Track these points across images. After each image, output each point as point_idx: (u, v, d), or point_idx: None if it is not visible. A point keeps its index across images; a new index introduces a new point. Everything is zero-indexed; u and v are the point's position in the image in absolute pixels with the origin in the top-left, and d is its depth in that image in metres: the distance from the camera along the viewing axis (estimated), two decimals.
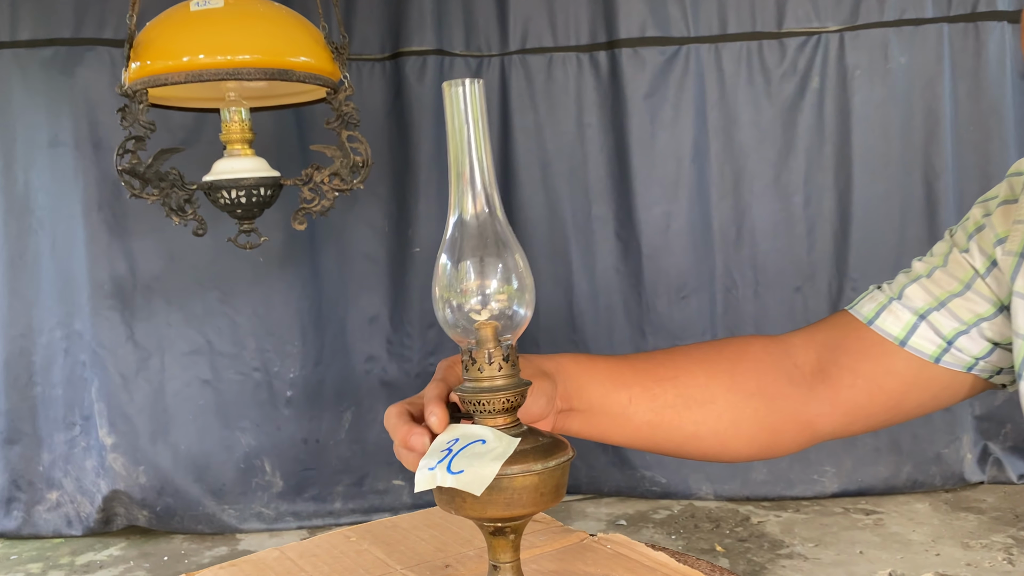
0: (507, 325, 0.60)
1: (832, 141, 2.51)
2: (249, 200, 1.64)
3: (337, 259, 2.53)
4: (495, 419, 0.59)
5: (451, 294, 0.59)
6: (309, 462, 2.55)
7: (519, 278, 0.59)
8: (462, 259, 0.59)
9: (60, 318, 2.46)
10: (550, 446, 0.59)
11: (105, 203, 2.41)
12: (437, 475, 0.57)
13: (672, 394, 0.75)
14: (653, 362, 0.77)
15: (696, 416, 0.75)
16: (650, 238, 2.50)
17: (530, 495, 0.57)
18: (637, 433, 0.75)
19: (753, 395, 0.76)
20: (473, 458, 0.57)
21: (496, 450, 0.57)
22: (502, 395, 0.58)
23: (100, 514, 2.48)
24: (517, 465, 0.56)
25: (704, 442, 0.76)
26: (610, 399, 0.73)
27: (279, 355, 2.52)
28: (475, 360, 0.59)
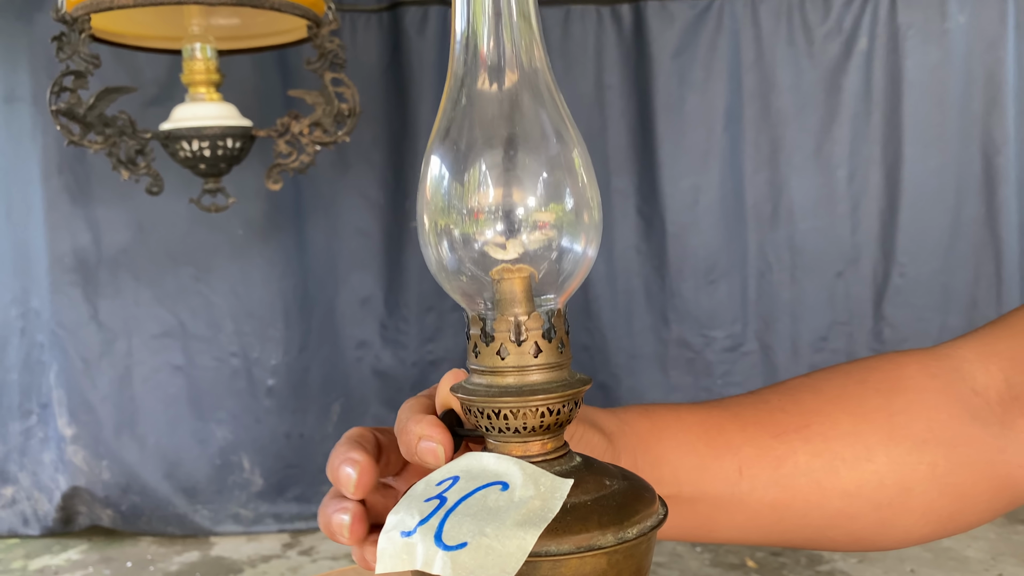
0: (551, 274, 0.34)
1: (880, 109, 2.24)
2: (214, 153, 1.38)
3: (326, 233, 2.26)
4: (526, 444, 0.34)
5: (451, 217, 0.33)
6: (292, 459, 2.29)
7: (576, 191, 0.34)
8: (472, 152, 0.33)
9: (15, 294, 2.20)
10: (626, 496, 0.33)
11: (66, 166, 2.15)
12: (417, 549, 0.32)
13: (805, 454, 0.48)
14: (766, 406, 0.51)
15: (846, 484, 0.49)
16: (676, 214, 2.24)
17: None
18: (755, 521, 0.48)
19: (926, 443, 0.49)
20: (485, 518, 0.31)
21: (528, 504, 0.31)
22: (540, 400, 0.33)
23: (59, 513, 2.23)
24: (569, 536, 0.31)
25: (858, 523, 0.49)
26: (710, 472, 0.47)
27: (260, 339, 2.25)
28: (492, 337, 0.33)
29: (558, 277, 0.34)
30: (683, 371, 2.30)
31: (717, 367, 2.28)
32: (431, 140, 0.35)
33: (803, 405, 0.51)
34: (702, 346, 2.28)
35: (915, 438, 0.50)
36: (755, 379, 2.27)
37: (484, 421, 0.33)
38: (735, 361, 2.28)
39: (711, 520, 0.47)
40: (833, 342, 2.26)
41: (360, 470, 0.37)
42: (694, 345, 2.28)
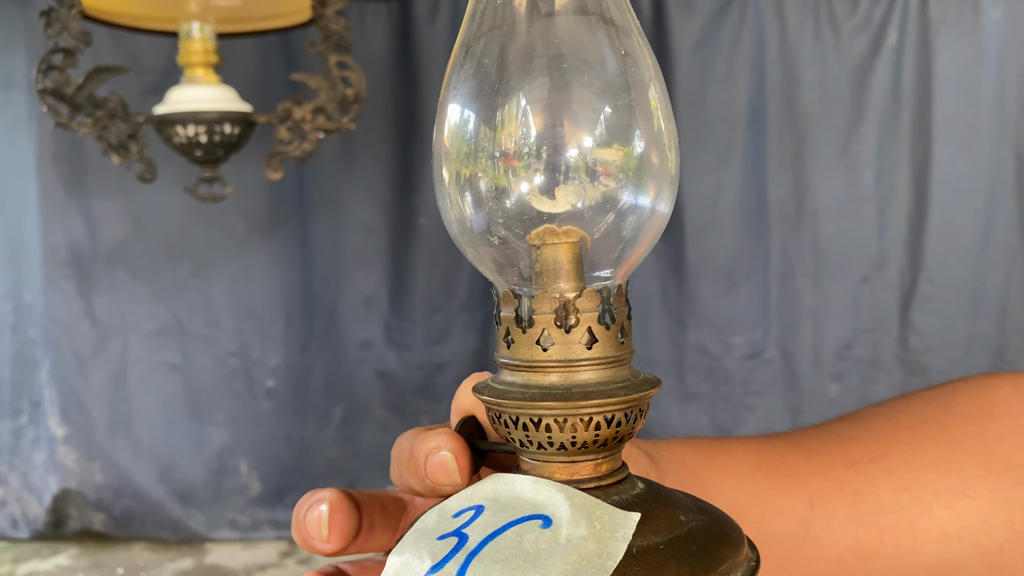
0: (610, 239, 0.25)
1: (909, 107, 2.15)
2: (211, 139, 1.29)
3: (330, 229, 2.18)
4: (574, 466, 0.25)
5: (478, 164, 0.25)
6: (292, 463, 2.20)
7: (647, 129, 0.25)
8: (505, 77, 0.24)
9: (8, 288, 2.12)
10: (708, 537, 0.24)
11: (62, 156, 2.07)
12: None
13: (888, 487, 0.39)
14: (832, 435, 0.42)
15: (943, 525, 0.39)
16: (695, 214, 2.15)
17: None
18: (835, 570, 0.39)
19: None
20: (521, 566, 0.21)
21: (580, 547, 0.22)
22: (594, 407, 0.24)
23: (50, 516, 2.15)
24: None
25: (964, 574, 0.40)
26: (776, 507, 0.38)
27: (260, 339, 2.17)
28: (531, 321, 0.24)
29: (618, 244, 0.25)
30: (700, 378, 2.20)
31: (736, 375, 2.19)
32: (449, 65, 0.26)
33: (877, 432, 0.42)
34: (721, 352, 2.19)
35: (1019, 470, 0.41)
36: (776, 387, 2.18)
37: (518, 433, 0.24)
38: (755, 369, 2.18)
39: (785, 572, 0.38)
40: (858, 350, 2.17)
41: (331, 507, 0.28)
42: (712, 351, 2.19)
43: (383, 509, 0.33)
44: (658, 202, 0.25)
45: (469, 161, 0.24)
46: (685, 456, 0.39)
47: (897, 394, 1.91)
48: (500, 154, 0.24)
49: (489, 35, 0.24)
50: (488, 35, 0.24)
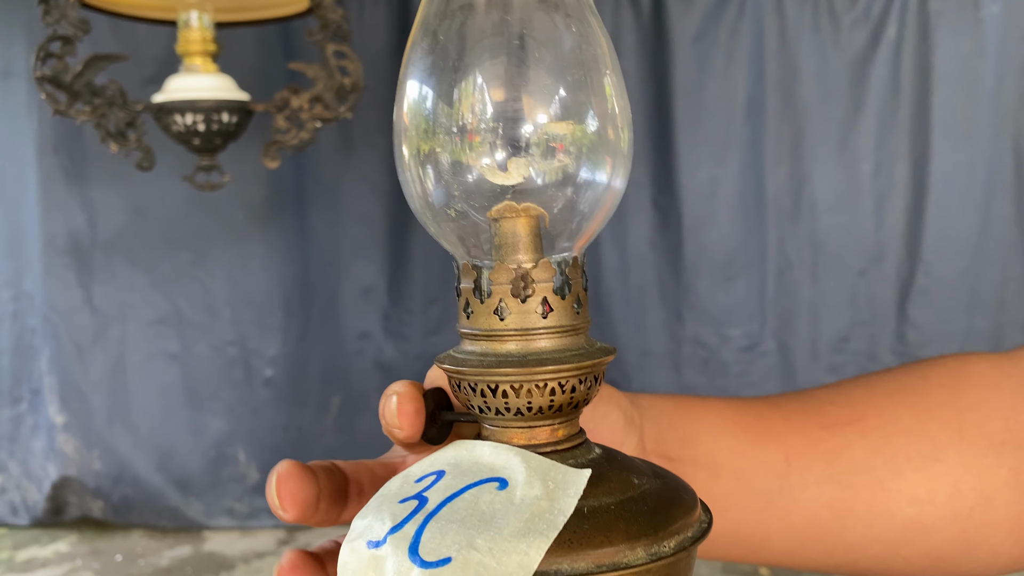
0: (566, 213, 0.26)
1: (908, 101, 2.15)
2: (208, 127, 1.30)
3: (328, 220, 2.18)
4: (531, 431, 0.26)
5: (436, 139, 0.25)
6: (290, 452, 2.21)
7: (600, 106, 0.25)
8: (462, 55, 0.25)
9: (8, 276, 2.13)
10: (660, 498, 0.25)
11: (62, 145, 2.08)
12: (386, 564, 0.24)
13: (862, 448, 0.40)
14: (811, 399, 0.43)
15: (915, 487, 0.40)
16: (693, 207, 2.15)
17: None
18: (815, 530, 0.40)
19: (1004, 444, 0.41)
20: (477, 525, 0.23)
21: (533, 506, 0.23)
22: (549, 373, 0.25)
23: (49, 503, 2.16)
24: (587, 550, 0.23)
25: (936, 538, 0.41)
26: (753, 460, 0.40)
27: (258, 328, 2.18)
28: (488, 291, 0.25)
29: (574, 217, 0.26)
30: (697, 370, 2.21)
31: (732, 367, 2.19)
32: (409, 43, 0.27)
33: (854, 398, 0.43)
34: (717, 345, 2.19)
35: (991, 438, 0.42)
36: (772, 380, 2.18)
37: (477, 400, 0.25)
38: (751, 361, 2.19)
39: (763, 525, 0.39)
40: (854, 343, 2.17)
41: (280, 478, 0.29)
42: (709, 344, 2.20)
43: (372, 475, 0.34)
44: (612, 177, 0.26)
45: (427, 137, 0.25)
46: (665, 406, 0.40)
47: None
48: (457, 129, 0.25)
49: (447, 14, 0.25)
50: (446, 14, 0.25)
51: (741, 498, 0.40)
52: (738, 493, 0.40)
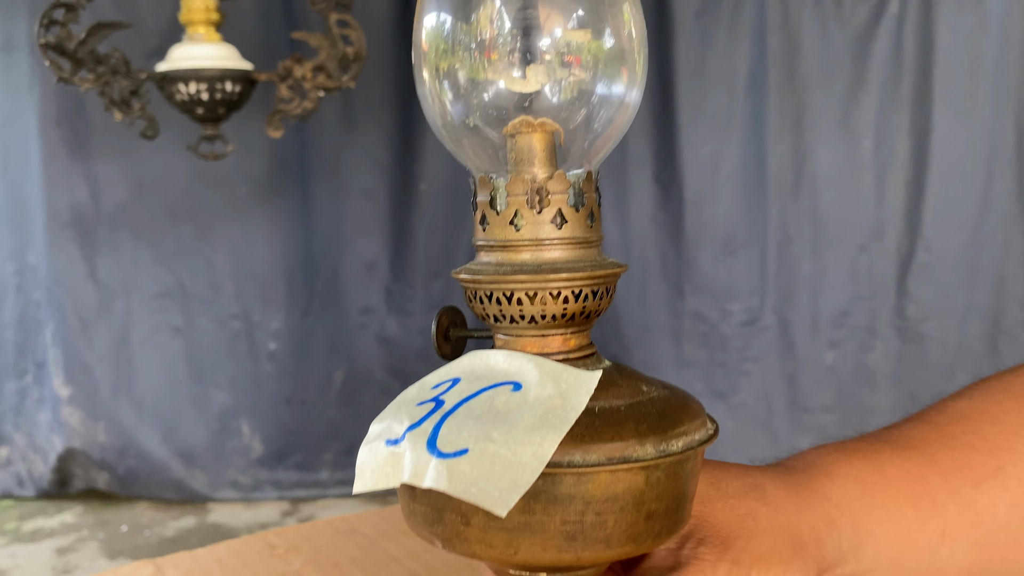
0: (582, 125, 0.27)
1: (910, 76, 2.15)
2: (212, 96, 1.30)
3: (331, 194, 2.19)
4: (544, 339, 0.27)
5: (453, 54, 0.26)
6: (293, 425, 2.23)
7: (615, 21, 0.26)
8: None
9: (11, 250, 2.14)
10: (669, 404, 0.26)
11: (65, 118, 2.08)
12: (404, 458, 0.25)
13: (1004, 504, 0.39)
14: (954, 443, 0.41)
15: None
16: (695, 182, 2.16)
17: (624, 518, 0.24)
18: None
19: None
20: (492, 421, 0.24)
21: (547, 403, 0.24)
22: (562, 281, 0.26)
23: (55, 475, 2.18)
24: (598, 443, 0.24)
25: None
26: (913, 543, 0.37)
27: (261, 302, 2.19)
28: (504, 203, 0.26)
29: (588, 134, 0.27)
30: (697, 345, 2.22)
31: (733, 341, 2.21)
32: None
33: (990, 440, 0.40)
34: (718, 319, 2.21)
35: None
36: (772, 354, 2.20)
37: (492, 308, 0.26)
38: (752, 336, 2.20)
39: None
40: (854, 318, 2.18)
41: None
42: (710, 318, 2.21)
43: None
44: (627, 94, 0.27)
45: (446, 55, 0.26)
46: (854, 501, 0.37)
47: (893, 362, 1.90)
48: (476, 44, 0.25)
49: None
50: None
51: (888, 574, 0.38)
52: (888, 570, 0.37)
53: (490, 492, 0.22)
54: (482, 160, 0.28)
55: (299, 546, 0.53)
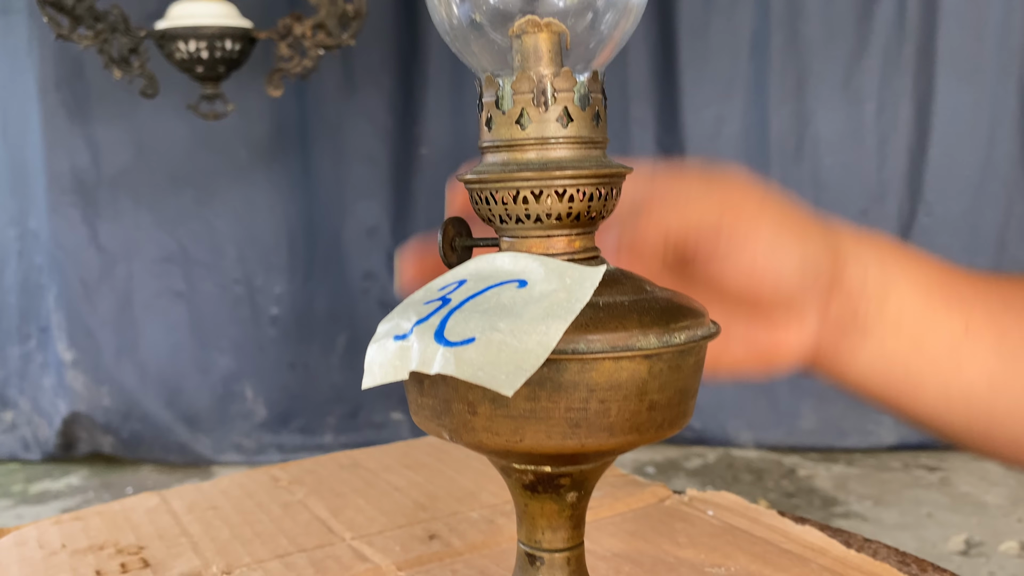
0: (588, 28, 0.27)
1: (914, 39, 2.13)
2: (211, 55, 1.30)
3: (332, 159, 2.19)
4: (548, 240, 0.27)
5: None
6: (296, 389, 2.25)
7: None
8: None
9: (13, 215, 2.14)
10: (671, 301, 0.27)
11: (64, 82, 2.07)
12: (412, 350, 0.25)
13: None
14: (992, 278, 0.43)
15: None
16: (697, 146, 2.15)
17: (627, 407, 0.25)
18: (965, 393, 0.40)
19: None
20: (499, 313, 0.24)
21: (552, 296, 0.25)
22: (568, 178, 0.26)
23: (60, 438, 2.20)
24: (603, 332, 0.24)
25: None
26: (936, 323, 0.39)
27: (263, 267, 2.19)
28: (510, 101, 0.27)
29: (593, 35, 0.27)
30: None
31: None
32: None
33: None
34: None
35: None
36: None
37: (498, 208, 0.27)
38: None
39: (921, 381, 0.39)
40: None
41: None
42: None
43: None
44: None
45: None
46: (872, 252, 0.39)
47: None
48: None
49: None
50: None
51: (909, 356, 0.39)
52: (909, 352, 0.39)
53: (496, 375, 0.23)
54: (488, 63, 0.28)
55: (303, 479, 0.54)
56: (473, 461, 0.56)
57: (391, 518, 0.47)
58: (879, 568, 0.41)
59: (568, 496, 0.28)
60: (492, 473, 0.54)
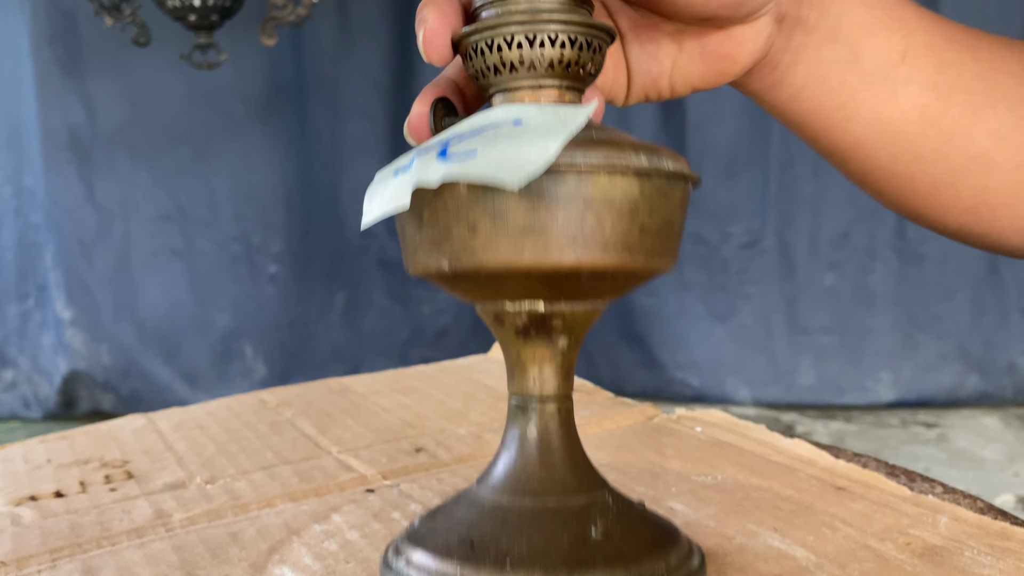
0: None
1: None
2: (204, 3, 1.28)
3: (328, 115, 2.17)
4: (539, 91, 0.28)
5: None
6: (295, 347, 2.25)
7: None
8: None
9: (8, 173, 2.13)
10: (655, 147, 0.27)
11: (57, 36, 2.05)
12: (414, 172, 0.25)
13: (971, 74, 0.39)
14: (942, 21, 0.41)
15: (1002, 125, 0.39)
16: (697, 102, 2.13)
17: (620, 225, 0.26)
18: (896, 123, 0.39)
19: None
20: (497, 140, 0.25)
21: (547, 124, 0.25)
22: (559, 24, 0.27)
23: (60, 396, 2.21)
24: (599, 149, 0.25)
25: (998, 177, 0.40)
26: (871, 37, 0.38)
27: (261, 224, 2.19)
28: None
29: None
30: (698, 268, 2.23)
31: (733, 264, 2.21)
32: None
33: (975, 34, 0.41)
34: (718, 242, 2.20)
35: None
36: (772, 277, 2.20)
37: (493, 57, 0.28)
38: (752, 258, 2.20)
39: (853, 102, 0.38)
40: (854, 239, 2.18)
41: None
42: (710, 240, 2.21)
43: None
44: None
45: None
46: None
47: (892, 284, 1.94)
48: None
49: None
50: None
51: (846, 69, 0.38)
52: (845, 64, 0.38)
53: (501, 173, 0.24)
54: None
55: (291, 402, 0.54)
56: (463, 385, 0.56)
57: (378, 434, 0.47)
58: (867, 476, 0.41)
59: (559, 342, 0.29)
60: (481, 396, 0.54)
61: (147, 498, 0.39)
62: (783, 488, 0.39)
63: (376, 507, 0.37)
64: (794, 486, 0.39)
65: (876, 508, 0.37)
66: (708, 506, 0.37)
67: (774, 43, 0.36)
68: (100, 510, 0.38)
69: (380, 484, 0.40)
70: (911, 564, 0.32)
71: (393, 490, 0.39)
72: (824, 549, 0.33)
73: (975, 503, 0.40)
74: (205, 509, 0.37)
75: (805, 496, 0.38)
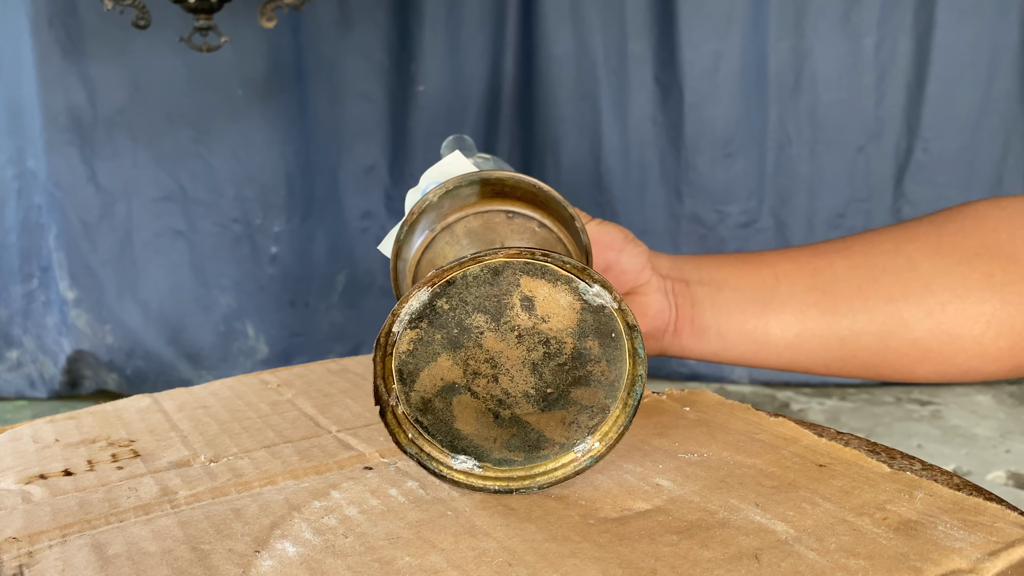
0: None
1: None
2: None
3: (328, 97, 2.17)
4: None
5: None
6: (297, 328, 2.27)
7: None
8: None
9: (10, 154, 2.14)
10: None
11: (57, 18, 2.05)
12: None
13: (844, 266, 0.47)
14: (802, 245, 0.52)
15: (891, 290, 0.46)
16: (695, 83, 2.13)
17: None
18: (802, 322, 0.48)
19: (978, 256, 0.45)
20: None
21: None
22: None
23: (65, 376, 2.23)
24: None
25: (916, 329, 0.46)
26: (746, 277, 0.48)
27: (262, 205, 2.20)
28: None
29: None
30: (694, 248, 2.24)
31: (729, 244, 2.22)
32: None
33: (845, 240, 0.50)
34: (715, 222, 2.21)
35: (965, 252, 0.46)
36: None
37: None
38: (748, 238, 2.21)
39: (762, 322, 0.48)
40: (851, 219, 2.19)
41: None
42: (707, 221, 2.22)
43: None
44: None
45: None
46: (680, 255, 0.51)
47: None
48: None
49: None
50: None
51: (739, 303, 0.47)
52: (736, 300, 0.47)
53: None
54: None
55: (292, 382, 0.55)
56: None
57: (376, 414, 0.48)
58: (848, 454, 0.42)
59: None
60: None
61: (153, 476, 0.41)
62: (766, 465, 0.41)
63: (374, 484, 0.39)
64: (777, 463, 0.41)
65: (855, 484, 0.39)
66: (693, 482, 0.39)
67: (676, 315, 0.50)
68: (108, 488, 0.40)
69: (378, 462, 0.42)
70: (886, 537, 0.34)
71: (390, 468, 0.41)
72: (803, 523, 0.35)
73: (951, 479, 0.41)
74: (209, 486, 0.39)
75: (788, 473, 0.40)
